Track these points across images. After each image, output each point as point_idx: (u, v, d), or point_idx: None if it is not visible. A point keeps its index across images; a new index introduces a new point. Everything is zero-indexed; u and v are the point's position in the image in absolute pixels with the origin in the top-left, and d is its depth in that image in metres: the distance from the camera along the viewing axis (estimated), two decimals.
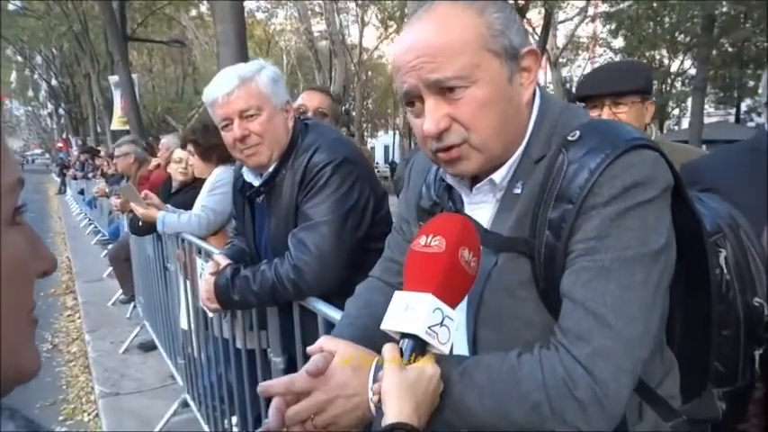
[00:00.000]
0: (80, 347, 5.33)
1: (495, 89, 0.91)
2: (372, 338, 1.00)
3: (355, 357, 0.92)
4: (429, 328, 0.83)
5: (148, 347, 4.70)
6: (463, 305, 1.01)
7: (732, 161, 1.52)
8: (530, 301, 0.93)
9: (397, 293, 0.88)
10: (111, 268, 6.42)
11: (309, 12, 21.69)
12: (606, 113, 1.92)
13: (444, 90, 0.90)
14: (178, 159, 3.87)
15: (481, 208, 1.02)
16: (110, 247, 6.66)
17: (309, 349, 0.96)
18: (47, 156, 59.71)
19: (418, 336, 0.82)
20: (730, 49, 14.84)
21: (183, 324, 3.26)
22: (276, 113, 1.73)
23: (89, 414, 4.05)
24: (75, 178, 15.37)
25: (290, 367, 1.86)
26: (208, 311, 1.90)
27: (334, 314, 1.48)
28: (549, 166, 0.92)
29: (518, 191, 0.96)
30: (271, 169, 1.76)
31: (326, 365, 0.91)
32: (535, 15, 16.54)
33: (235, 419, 2.54)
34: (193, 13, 20.83)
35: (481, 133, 0.92)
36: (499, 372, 0.86)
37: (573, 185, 0.87)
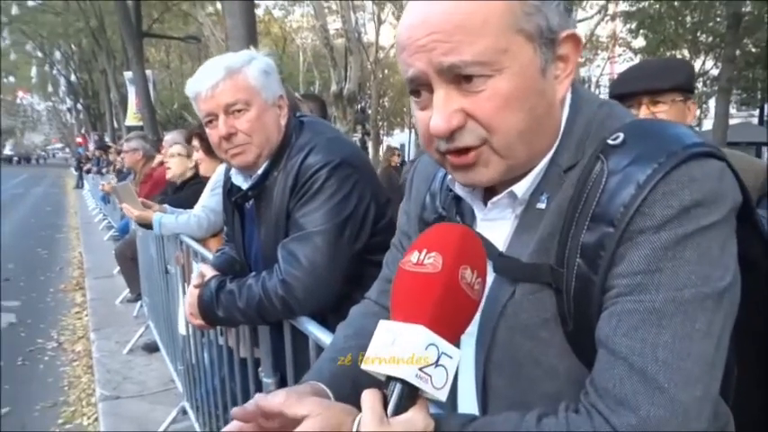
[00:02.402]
0: (85, 346, 5.27)
1: (525, 81, 0.72)
2: (358, 380, 0.80)
3: (328, 421, 0.69)
4: (421, 369, 0.65)
5: (152, 348, 4.62)
6: (471, 338, 0.83)
7: None
8: (554, 345, 0.75)
9: (382, 324, 0.70)
10: None
11: (326, 9, 21.54)
12: (644, 113, 1.73)
13: (460, 79, 0.71)
14: (170, 155, 3.75)
15: (497, 226, 0.83)
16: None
17: (264, 409, 0.73)
18: (67, 150, 60.49)
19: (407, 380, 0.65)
20: (754, 50, 14.46)
21: (182, 329, 3.13)
22: (267, 109, 1.55)
23: (89, 418, 3.97)
24: (88, 172, 15.47)
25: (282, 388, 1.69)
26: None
27: (327, 337, 1.30)
28: (582, 176, 0.73)
29: (542, 205, 0.77)
30: (260, 171, 1.58)
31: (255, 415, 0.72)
32: None
33: None
34: (210, 9, 20.76)
35: (504, 135, 0.73)
36: None
37: (615, 203, 0.68)
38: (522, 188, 0.79)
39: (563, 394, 0.72)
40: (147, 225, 3.14)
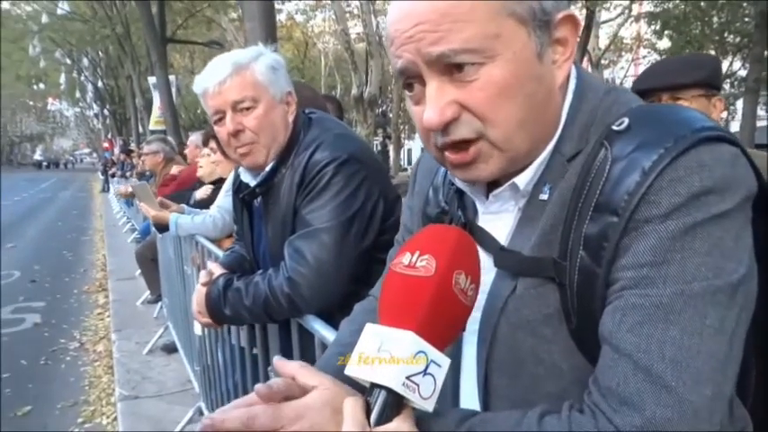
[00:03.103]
0: (106, 347, 5.35)
1: (520, 68, 0.68)
2: None
3: (335, 397, 0.68)
4: (408, 378, 0.61)
5: (171, 349, 4.67)
6: (473, 336, 0.79)
7: None
8: (557, 342, 0.71)
9: (368, 327, 0.66)
10: None
11: (347, 14, 21.66)
12: None
13: (452, 69, 0.68)
14: (202, 155, 3.79)
15: (499, 219, 0.80)
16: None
17: (279, 370, 0.72)
18: (94, 155, 61.71)
19: (392, 388, 0.61)
20: None
21: (198, 330, 3.13)
22: (275, 106, 1.53)
23: (108, 417, 4.02)
24: (113, 176, 15.77)
25: None
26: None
27: (332, 335, 1.28)
28: (586, 164, 0.69)
29: (545, 197, 0.73)
30: (268, 168, 1.56)
31: (284, 391, 0.69)
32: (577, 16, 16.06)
33: None
34: (233, 15, 21.01)
35: (501, 126, 0.69)
36: None
37: (619, 191, 0.64)
38: (524, 179, 0.75)
39: (567, 394, 0.68)
40: (163, 226, 3.17)
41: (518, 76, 0.68)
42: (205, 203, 3.42)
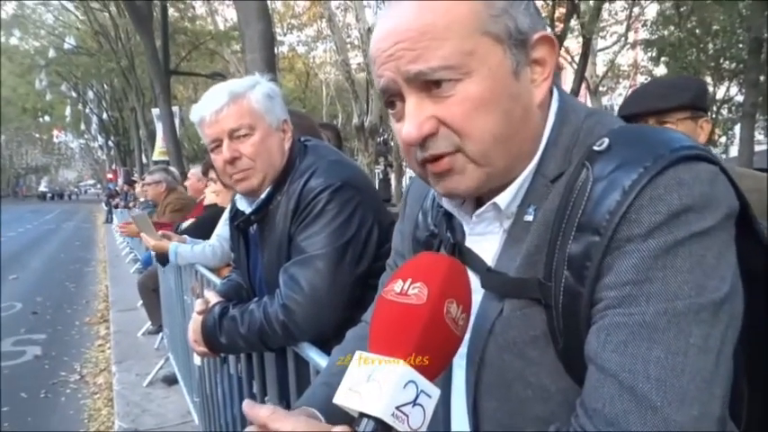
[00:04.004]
0: (106, 379, 5.30)
1: (496, 84, 0.70)
2: None
3: None
4: (398, 408, 0.60)
5: (172, 381, 4.61)
6: (462, 360, 0.79)
7: None
8: (544, 364, 0.70)
9: (359, 354, 0.65)
10: None
11: (348, 45, 21.99)
12: None
13: (430, 85, 0.70)
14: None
15: (486, 240, 0.80)
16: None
17: (250, 417, 0.72)
18: (99, 186, 62.13)
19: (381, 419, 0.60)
20: None
21: (197, 360, 3.11)
22: (271, 133, 1.55)
23: None
24: (117, 207, 15.83)
25: None
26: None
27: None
28: (568, 184, 0.70)
29: (529, 218, 0.74)
30: (263, 195, 1.57)
31: None
32: (574, 44, 16.26)
33: None
34: (235, 47, 21.38)
35: (478, 140, 0.71)
36: None
37: (600, 210, 0.65)
38: (504, 199, 0.76)
39: (556, 417, 0.68)
40: (164, 256, 3.17)
41: (494, 92, 0.70)
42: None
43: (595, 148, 0.69)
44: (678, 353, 0.59)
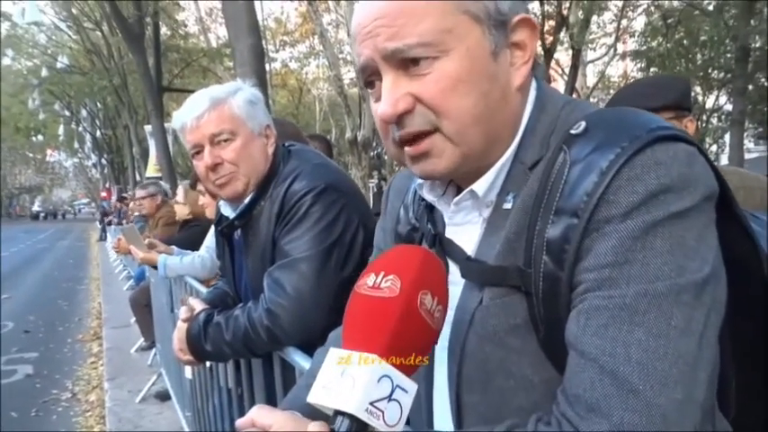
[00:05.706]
0: (99, 396, 5.24)
1: (474, 64, 0.70)
2: None
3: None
4: (372, 404, 0.59)
5: (165, 396, 4.57)
6: (443, 352, 0.78)
7: None
8: (526, 353, 0.69)
9: (332, 351, 0.63)
10: None
11: (340, 60, 22.11)
12: None
13: (407, 63, 0.70)
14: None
15: (466, 230, 0.80)
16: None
17: (238, 423, 0.71)
18: (92, 205, 61.86)
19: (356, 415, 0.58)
20: (767, 84, 14.37)
21: (188, 373, 3.08)
22: (253, 138, 1.54)
23: None
24: (110, 224, 15.77)
25: None
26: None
27: None
28: (546, 169, 0.70)
29: (508, 205, 0.73)
30: (247, 200, 1.56)
31: None
32: (564, 57, 16.40)
33: None
34: (228, 63, 21.44)
35: (455, 119, 0.70)
36: None
37: (578, 192, 0.64)
38: (483, 185, 0.75)
39: (540, 408, 0.67)
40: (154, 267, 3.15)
41: (471, 72, 0.70)
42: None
43: (572, 131, 0.69)
44: (660, 335, 0.58)
